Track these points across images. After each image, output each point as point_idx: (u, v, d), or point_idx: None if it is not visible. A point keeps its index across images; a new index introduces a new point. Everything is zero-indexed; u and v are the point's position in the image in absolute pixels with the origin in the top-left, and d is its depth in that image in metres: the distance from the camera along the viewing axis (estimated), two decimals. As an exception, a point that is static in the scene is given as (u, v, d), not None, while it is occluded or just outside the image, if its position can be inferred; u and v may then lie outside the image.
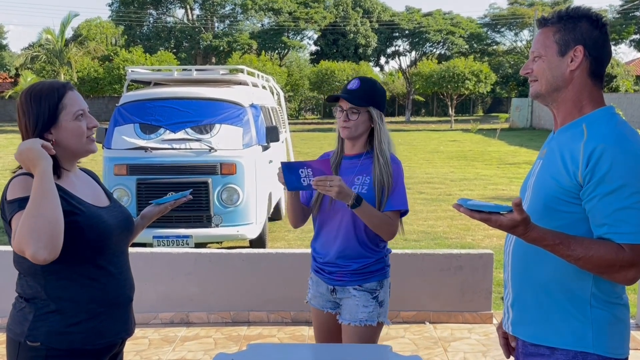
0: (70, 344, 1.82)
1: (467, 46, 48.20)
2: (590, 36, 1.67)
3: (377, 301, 2.52)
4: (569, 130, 1.69)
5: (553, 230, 1.58)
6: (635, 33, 44.09)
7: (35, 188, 1.67)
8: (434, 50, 50.00)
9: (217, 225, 6.10)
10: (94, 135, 1.95)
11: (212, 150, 6.12)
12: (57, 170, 1.85)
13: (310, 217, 2.64)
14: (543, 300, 1.69)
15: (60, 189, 1.81)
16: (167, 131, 6.26)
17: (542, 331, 1.70)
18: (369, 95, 2.47)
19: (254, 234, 6.29)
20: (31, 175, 1.76)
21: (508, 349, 1.94)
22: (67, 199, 1.82)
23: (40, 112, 1.84)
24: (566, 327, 1.66)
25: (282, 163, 2.31)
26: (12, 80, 43.94)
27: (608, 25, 1.72)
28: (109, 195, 2.06)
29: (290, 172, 2.30)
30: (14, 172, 1.86)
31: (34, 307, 1.81)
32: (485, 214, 1.50)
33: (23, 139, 1.88)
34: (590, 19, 1.68)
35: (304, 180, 2.29)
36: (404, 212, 2.57)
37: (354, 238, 2.48)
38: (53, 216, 1.65)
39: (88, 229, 1.83)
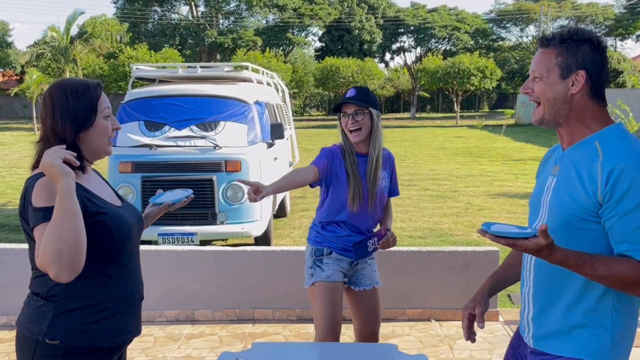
0: (88, 341, 1.83)
1: (472, 42, 48.03)
2: (592, 61, 1.70)
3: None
4: (581, 148, 1.71)
5: (576, 251, 1.60)
6: (642, 28, 43.79)
7: (58, 207, 1.65)
8: (439, 46, 49.85)
9: (222, 223, 6.10)
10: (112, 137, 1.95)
11: (216, 148, 6.12)
12: (82, 168, 1.86)
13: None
14: (567, 315, 1.72)
15: (84, 189, 1.82)
16: (172, 129, 6.25)
17: (564, 344, 1.73)
18: (366, 98, 2.86)
19: (259, 231, 6.29)
20: None
21: (470, 332, 2.00)
22: (92, 200, 1.83)
23: (78, 109, 1.81)
24: (588, 339, 1.69)
25: (353, 245, 2.88)
26: (18, 77, 44.02)
27: (607, 48, 1.76)
28: (118, 194, 2.07)
29: (359, 247, 2.89)
30: (33, 167, 1.85)
31: (54, 305, 1.80)
32: (511, 240, 1.53)
33: (44, 135, 1.84)
34: (592, 43, 1.70)
35: (370, 247, 2.94)
36: None
37: (376, 222, 3.07)
38: (74, 238, 1.64)
39: (114, 228, 1.85)
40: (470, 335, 2.00)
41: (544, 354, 1.76)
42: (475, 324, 1.97)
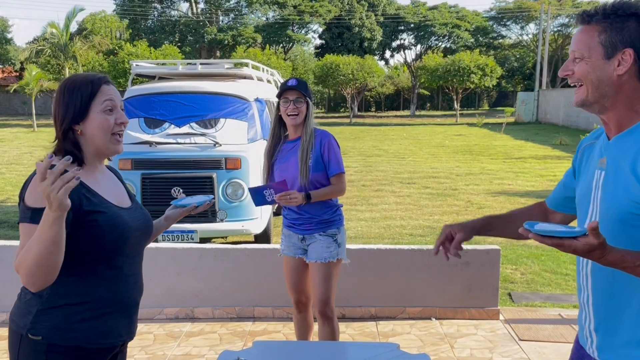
0: (71, 340, 1.78)
1: (472, 40, 47.95)
2: None
3: (337, 243, 3.26)
4: (630, 136, 1.56)
5: (632, 251, 1.45)
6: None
7: (43, 232, 1.58)
8: (440, 43, 49.77)
9: (222, 220, 6.08)
10: (121, 135, 1.88)
11: (216, 145, 6.10)
12: (79, 161, 1.81)
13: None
14: (636, 322, 1.57)
15: (84, 186, 1.78)
16: (172, 126, 6.24)
17: (635, 353, 1.58)
18: (306, 89, 3.21)
19: (258, 229, 6.27)
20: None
21: (440, 248, 1.88)
22: (90, 198, 1.78)
23: (71, 104, 1.80)
24: None
25: (249, 188, 3.13)
26: (17, 74, 43.97)
27: None
28: (130, 195, 2.01)
29: (256, 194, 3.07)
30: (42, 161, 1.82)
31: (40, 300, 1.77)
32: (557, 239, 1.38)
33: (55, 131, 1.84)
34: None
35: (268, 197, 3.07)
36: (343, 172, 3.32)
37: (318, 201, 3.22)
38: (51, 263, 1.63)
39: (108, 229, 1.79)
40: (438, 251, 1.89)
41: None
42: (451, 247, 1.86)
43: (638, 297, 1.54)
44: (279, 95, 3.20)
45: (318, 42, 52.05)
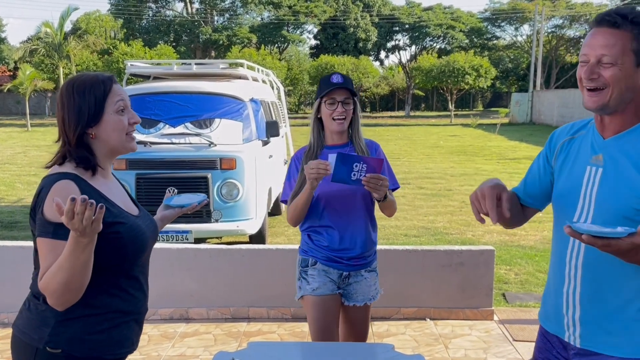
0: (90, 351, 1.75)
1: (467, 41, 48.11)
2: None
3: (378, 277, 2.82)
4: (630, 136, 1.63)
5: None
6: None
7: (72, 254, 1.55)
8: (434, 44, 49.93)
9: (216, 221, 6.07)
10: (134, 133, 1.84)
11: (211, 145, 6.09)
12: (93, 167, 1.76)
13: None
14: (624, 312, 1.63)
15: (102, 196, 1.74)
16: (167, 126, 6.23)
17: (620, 342, 1.63)
18: (352, 87, 2.69)
19: (253, 230, 6.27)
20: (74, 179, 1.68)
21: (497, 211, 1.68)
22: (110, 209, 1.73)
23: (84, 106, 1.73)
24: None
25: (339, 153, 2.36)
26: (11, 73, 43.79)
27: None
28: (134, 200, 1.97)
29: (343, 164, 2.35)
30: (48, 166, 1.77)
31: (56, 311, 1.68)
32: (607, 240, 1.42)
33: (60, 134, 1.77)
34: None
35: (354, 175, 2.36)
36: (399, 187, 2.87)
37: (369, 225, 2.74)
38: (81, 283, 1.62)
39: (130, 240, 1.76)
40: (503, 212, 1.69)
41: (594, 354, 1.67)
42: (503, 207, 1.69)
43: (628, 290, 1.61)
44: (322, 95, 2.68)
45: (313, 42, 52.12)
